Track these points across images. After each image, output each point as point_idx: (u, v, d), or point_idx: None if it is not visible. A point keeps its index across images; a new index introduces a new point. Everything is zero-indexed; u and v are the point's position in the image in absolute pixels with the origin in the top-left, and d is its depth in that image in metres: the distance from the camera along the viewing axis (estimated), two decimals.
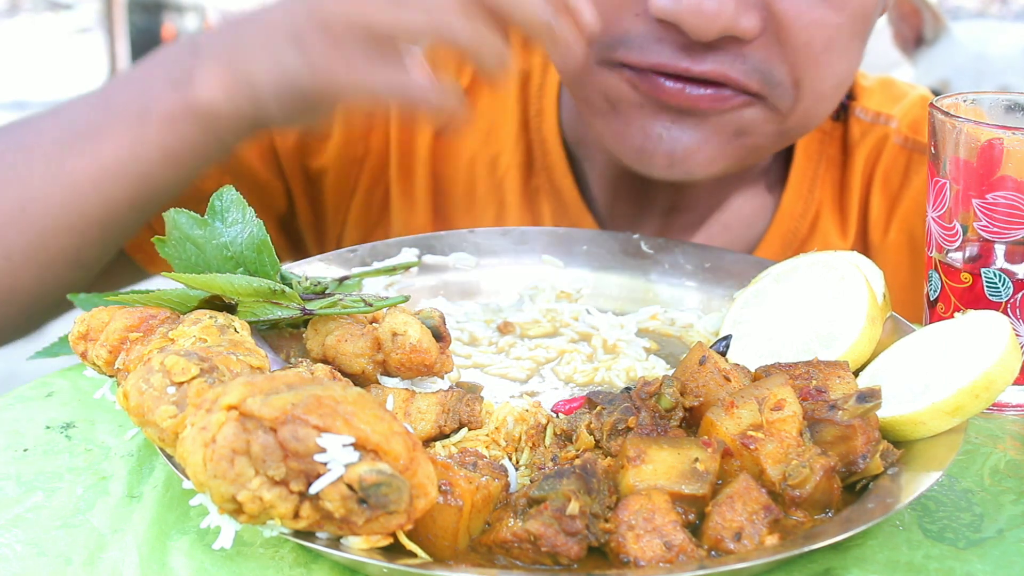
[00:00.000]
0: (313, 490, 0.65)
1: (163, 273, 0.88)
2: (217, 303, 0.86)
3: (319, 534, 0.68)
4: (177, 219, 0.90)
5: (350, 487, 0.65)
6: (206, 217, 0.91)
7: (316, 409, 0.65)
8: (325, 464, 0.64)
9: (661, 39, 1.06)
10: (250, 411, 0.65)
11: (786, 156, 1.36)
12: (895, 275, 1.19)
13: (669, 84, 1.08)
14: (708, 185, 1.32)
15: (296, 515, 0.66)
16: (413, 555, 0.68)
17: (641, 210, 1.33)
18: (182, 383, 0.72)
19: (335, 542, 0.68)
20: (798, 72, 1.09)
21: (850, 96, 1.37)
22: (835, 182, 1.35)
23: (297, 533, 0.68)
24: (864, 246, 1.34)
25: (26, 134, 1.12)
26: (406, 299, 0.90)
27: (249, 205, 0.91)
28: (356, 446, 0.65)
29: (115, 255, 1.16)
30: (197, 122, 1.03)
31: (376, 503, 0.65)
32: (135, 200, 1.07)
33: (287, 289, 0.86)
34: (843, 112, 1.36)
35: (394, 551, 0.68)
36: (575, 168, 1.34)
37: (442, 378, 0.89)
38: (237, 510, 0.66)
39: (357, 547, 0.67)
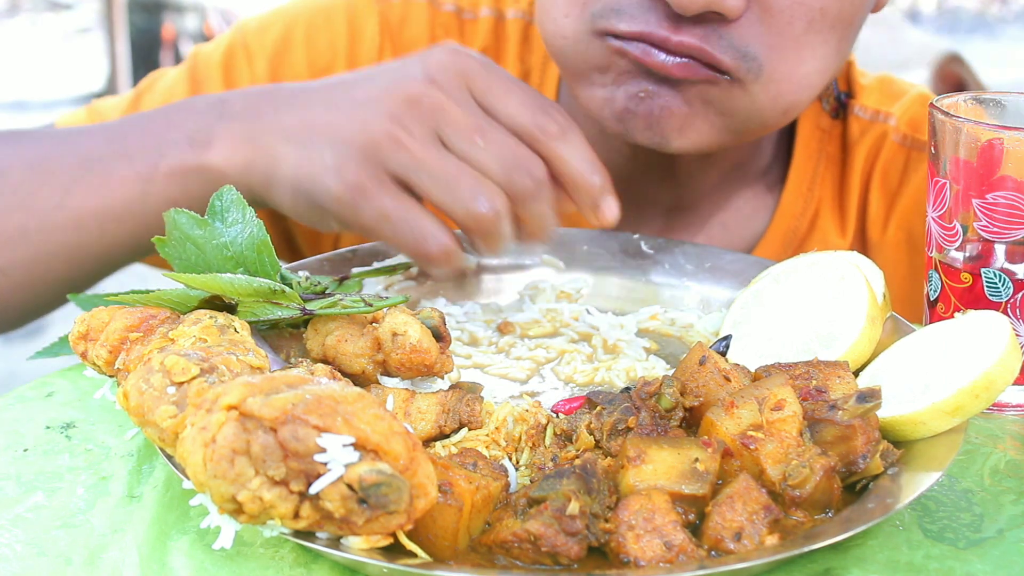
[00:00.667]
0: (313, 490, 0.65)
1: (163, 273, 0.88)
2: (217, 303, 0.86)
3: (319, 534, 0.68)
4: (177, 219, 0.90)
5: (350, 487, 0.65)
6: (206, 217, 0.91)
7: (316, 409, 0.65)
8: (325, 464, 0.64)
9: (649, 9, 1.07)
10: (250, 411, 0.65)
11: (786, 154, 1.36)
12: (893, 272, 1.20)
13: (652, 51, 1.10)
14: (709, 184, 1.32)
15: (296, 515, 0.66)
16: (413, 555, 0.68)
17: (643, 209, 1.33)
18: (182, 383, 0.72)
19: (335, 542, 0.68)
20: (775, 53, 1.09)
21: (849, 94, 1.37)
22: (834, 180, 1.35)
23: (297, 533, 0.68)
24: (863, 244, 1.34)
25: (37, 154, 1.13)
26: (406, 299, 0.90)
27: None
28: (356, 446, 0.65)
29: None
30: (205, 181, 1.05)
31: (376, 503, 0.65)
32: (135, 242, 1.10)
33: (287, 289, 0.86)
34: (842, 110, 1.36)
35: (394, 551, 0.68)
36: None
37: (442, 378, 0.89)
38: (237, 510, 0.66)
39: (357, 547, 0.67)
